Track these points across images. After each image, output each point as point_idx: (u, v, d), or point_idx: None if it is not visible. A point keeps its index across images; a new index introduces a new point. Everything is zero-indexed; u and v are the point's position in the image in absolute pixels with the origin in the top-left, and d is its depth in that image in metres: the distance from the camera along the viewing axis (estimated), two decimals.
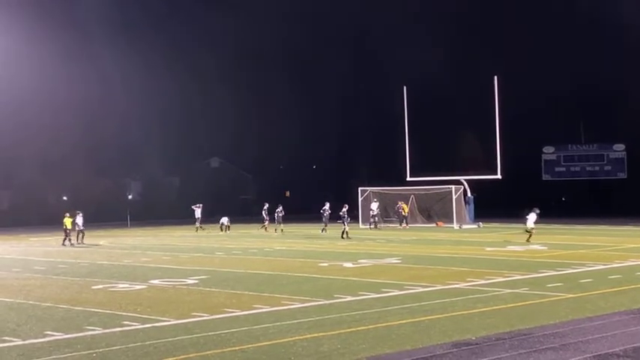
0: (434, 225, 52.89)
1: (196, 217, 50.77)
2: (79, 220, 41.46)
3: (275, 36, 76.19)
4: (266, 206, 50.42)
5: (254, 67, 77.21)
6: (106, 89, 70.04)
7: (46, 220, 62.46)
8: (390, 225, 52.83)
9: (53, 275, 25.74)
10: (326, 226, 46.41)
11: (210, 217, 53.37)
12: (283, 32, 76.15)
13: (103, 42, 69.29)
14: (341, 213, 43.31)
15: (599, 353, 12.58)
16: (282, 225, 48.86)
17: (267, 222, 49.82)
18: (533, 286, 20.75)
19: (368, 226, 51.59)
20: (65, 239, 39.88)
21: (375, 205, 51.41)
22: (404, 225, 51.63)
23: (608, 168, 72.86)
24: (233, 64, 76.54)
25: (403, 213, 52.34)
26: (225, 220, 50.88)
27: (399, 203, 53.07)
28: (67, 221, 40.21)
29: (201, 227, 50.10)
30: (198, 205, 51.56)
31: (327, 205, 47.72)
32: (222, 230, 49.37)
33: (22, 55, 63.48)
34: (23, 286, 23.02)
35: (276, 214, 49.15)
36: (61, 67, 65.65)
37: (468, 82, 61.53)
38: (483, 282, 21.73)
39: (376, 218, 51.18)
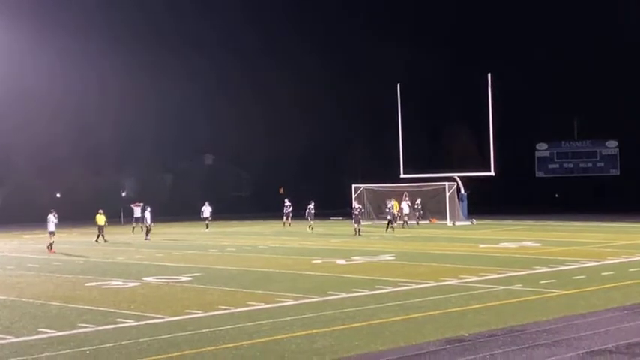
0: (427, 222, 52.92)
1: (135, 216, 47.53)
2: (147, 215, 41.70)
3: (268, 33, 76.15)
4: (312, 204, 47.20)
5: (247, 64, 77.05)
6: (99, 87, 69.83)
7: (40, 217, 62.20)
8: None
9: (47, 272, 25.72)
10: (392, 224, 44.98)
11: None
12: (277, 30, 76.11)
13: (97, 41, 69.11)
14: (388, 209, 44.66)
15: (591, 349, 12.63)
16: (312, 222, 46.57)
17: (311, 221, 46.75)
18: (527, 282, 20.82)
19: (401, 225, 48.91)
20: (99, 236, 39.86)
21: (405, 204, 49.58)
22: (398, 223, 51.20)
23: (601, 165, 73.05)
24: (226, 62, 76.42)
25: (394, 211, 52.00)
26: (207, 211, 48.87)
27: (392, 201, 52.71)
28: (100, 218, 40.15)
29: (139, 227, 45.74)
30: (137, 204, 48.43)
31: (390, 204, 46.52)
32: (205, 227, 48.17)
33: (16, 53, 63.27)
34: (17, 283, 22.99)
35: (307, 211, 47.08)
36: (55, 66, 65.45)
37: (462, 80, 61.61)
38: (476, 279, 21.78)
39: (406, 217, 49.01)
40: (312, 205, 46.94)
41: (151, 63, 71.71)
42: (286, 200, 52.02)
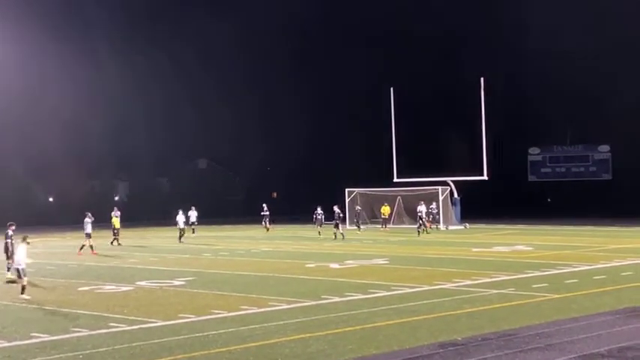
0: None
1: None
2: (180, 218, 41.69)
3: (263, 37, 76.15)
4: (319, 209, 45.46)
5: (242, 69, 77.08)
6: (94, 91, 69.76)
7: (33, 221, 62.04)
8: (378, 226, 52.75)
9: (40, 277, 25.61)
10: (427, 227, 44.40)
11: (204, 219, 51.88)
12: (270, 33, 76.14)
13: (92, 44, 69.03)
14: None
15: (584, 353, 12.68)
16: (321, 228, 44.82)
17: (320, 225, 44.82)
18: (519, 286, 20.87)
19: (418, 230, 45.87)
20: (114, 239, 39.63)
21: (422, 208, 46.77)
22: (384, 227, 51.17)
23: (593, 169, 73.24)
24: (220, 67, 76.41)
25: (384, 215, 52.04)
26: (193, 215, 46.25)
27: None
28: (115, 221, 39.89)
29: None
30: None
31: (433, 205, 45.56)
32: (192, 232, 45.38)
33: (11, 56, 63.14)
34: (10, 287, 22.92)
35: (315, 216, 45.46)
36: (50, 69, 65.33)
37: (455, 84, 61.67)
38: (470, 282, 21.83)
39: (423, 220, 46.15)
40: (319, 210, 45.63)
41: (145, 67, 71.67)
42: (264, 205, 51.41)
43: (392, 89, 55.82)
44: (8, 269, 25.74)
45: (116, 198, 78.70)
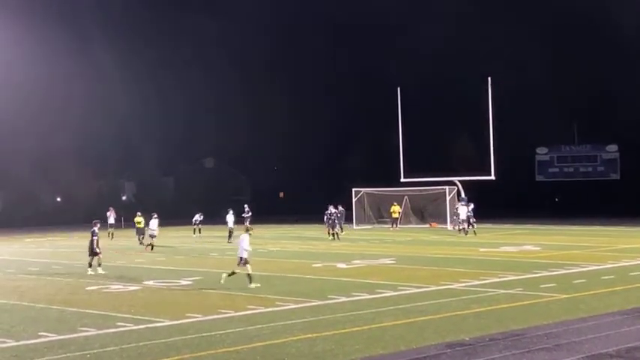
0: (427, 226, 52.94)
1: (109, 222, 45.81)
2: (230, 218, 42.23)
3: (268, 37, 76.18)
4: (331, 210, 43.39)
5: (248, 68, 77.13)
6: (100, 90, 69.89)
7: (40, 220, 62.34)
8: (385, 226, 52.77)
9: (47, 276, 25.73)
10: (464, 228, 43.34)
11: (209, 219, 51.89)
12: (277, 33, 76.15)
13: (99, 41, 69.19)
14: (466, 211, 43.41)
15: (592, 353, 12.64)
16: (330, 228, 42.67)
17: (330, 227, 42.78)
18: (527, 286, 20.82)
19: (457, 231, 44.64)
20: (141, 238, 39.63)
21: (463, 210, 44.80)
22: (394, 227, 51.27)
23: (601, 169, 73.03)
24: (227, 66, 76.47)
25: (394, 215, 52.11)
26: (197, 217, 46.77)
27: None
28: (139, 220, 39.92)
29: (113, 232, 45.18)
30: (110, 211, 47.47)
31: (467, 208, 44.03)
32: (194, 233, 46.14)
33: (17, 54, 63.32)
34: (17, 287, 22.98)
35: (326, 216, 43.47)
36: (55, 68, 65.50)
37: (462, 83, 61.55)
38: (477, 283, 21.79)
39: (465, 223, 43.60)
40: (331, 209, 43.93)
41: (152, 66, 71.76)
42: (246, 206, 50.98)
43: (399, 89, 55.78)
44: (90, 265, 25.90)
45: (123, 198, 78.90)
